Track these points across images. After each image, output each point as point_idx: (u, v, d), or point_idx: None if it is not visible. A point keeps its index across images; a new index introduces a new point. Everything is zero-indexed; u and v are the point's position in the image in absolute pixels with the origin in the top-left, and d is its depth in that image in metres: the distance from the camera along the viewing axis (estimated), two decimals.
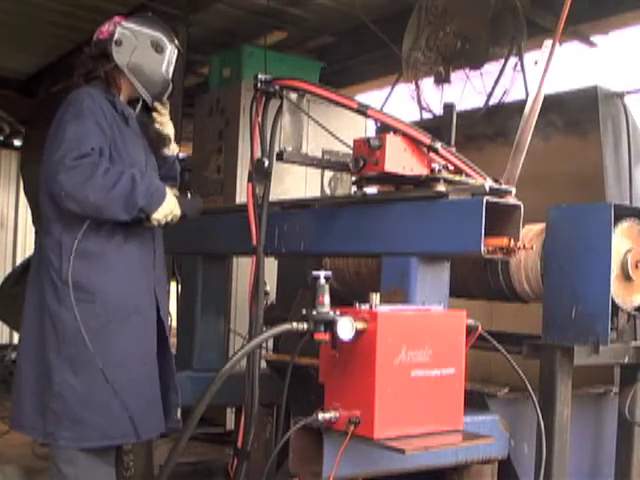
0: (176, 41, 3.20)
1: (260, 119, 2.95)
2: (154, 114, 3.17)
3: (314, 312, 2.29)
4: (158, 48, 3.10)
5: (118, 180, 2.79)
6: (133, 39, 3.05)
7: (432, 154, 2.81)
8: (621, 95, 3.95)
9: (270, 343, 4.19)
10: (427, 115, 4.68)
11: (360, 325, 2.28)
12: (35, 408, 2.87)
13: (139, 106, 3.14)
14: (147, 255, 3.07)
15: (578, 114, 3.92)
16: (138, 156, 3.05)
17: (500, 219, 2.70)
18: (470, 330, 2.57)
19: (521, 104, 3.60)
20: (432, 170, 2.81)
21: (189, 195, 3.14)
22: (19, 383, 2.95)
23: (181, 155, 7.70)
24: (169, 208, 2.93)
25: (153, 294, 3.07)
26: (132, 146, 3.02)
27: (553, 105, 3.79)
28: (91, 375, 2.83)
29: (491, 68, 4.32)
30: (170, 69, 3.16)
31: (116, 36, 3.03)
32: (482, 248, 2.60)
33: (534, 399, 2.68)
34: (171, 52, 3.14)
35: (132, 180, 2.82)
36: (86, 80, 3.06)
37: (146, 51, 3.07)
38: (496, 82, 4.28)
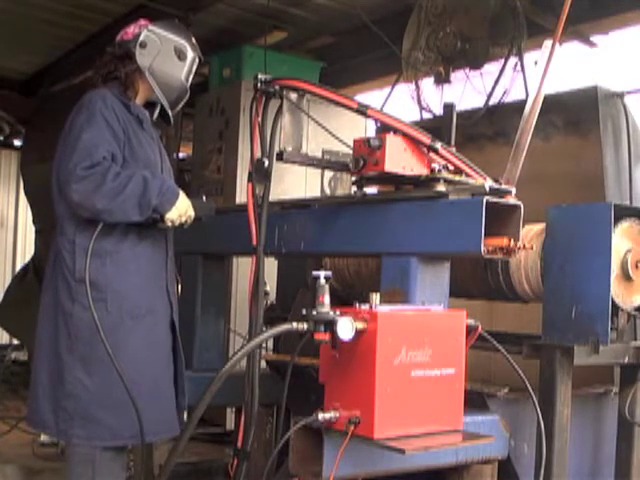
0: (198, 50, 3.22)
1: (260, 119, 2.95)
2: None
3: (314, 312, 2.29)
4: (181, 55, 3.13)
5: (129, 182, 2.79)
6: (158, 43, 3.08)
7: (432, 154, 2.81)
8: (621, 95, 3.95)
9: (270, 343, 4.19)
10: (427, 115, 4.68)
11: (360, 325, 2.28)
12: (49, 406, 2.87)
13: (157, 112, 3.14)
14: (160, 255, 3.06)
15: (578, 114, 3.92)
16: (153, 158, 3.05)
17: (500, 219, 2.70)
18: (470, 330, 2.57)
19: (521, 104, 3.60)
20: (432, 170, 2.81)
21: (204, 198, 3.16)
22: (34, 382, 2.96)
23: (181, 155, 7.74)
24: (183, 208, 2.93)
25: (166, 294, 3.07)
26: (147, 148, 3.02)
27: (553, 105, 3.79)
28: (104, 374, 2.82)
29: (491, 68, 4.32)
30: (190, 77, 3.19)
31: (141, 38, 3.06)
32: (482, 248, 2.60)
33: (534, 399, 2.68)
34: (193, 61, 3.18)
35: (143, 180, 2.82)
36: (104, 80, 3.08)
37: (169, 56, 3.10)
38: (496, 82, 4.28)
